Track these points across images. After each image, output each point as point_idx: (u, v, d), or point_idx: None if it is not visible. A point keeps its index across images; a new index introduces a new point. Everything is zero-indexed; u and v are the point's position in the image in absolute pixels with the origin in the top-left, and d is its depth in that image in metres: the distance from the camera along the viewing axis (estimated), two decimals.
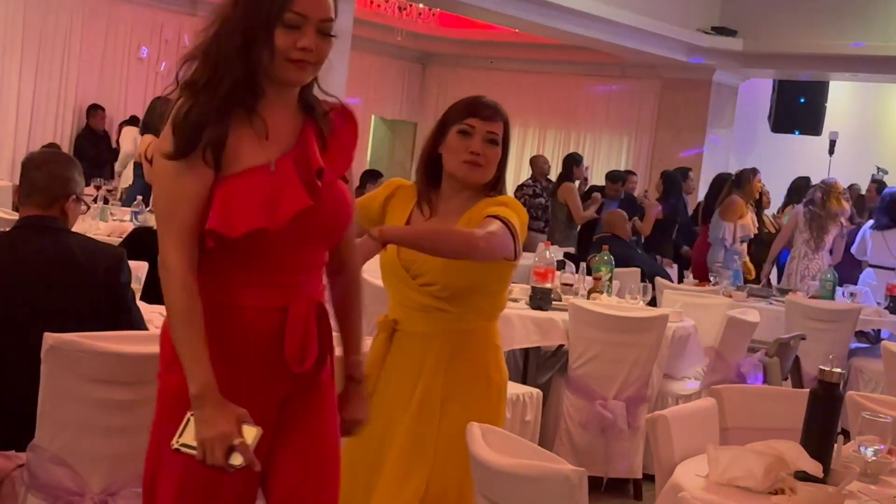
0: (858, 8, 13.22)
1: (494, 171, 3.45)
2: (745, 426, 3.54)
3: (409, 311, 3.45)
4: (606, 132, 16.78)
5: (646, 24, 13.23)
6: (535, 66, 16.92)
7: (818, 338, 7.37)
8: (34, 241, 3.67)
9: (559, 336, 6.19)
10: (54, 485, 3.43)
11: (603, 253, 7.27)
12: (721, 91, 15.37)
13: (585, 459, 5.58)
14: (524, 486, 2.57)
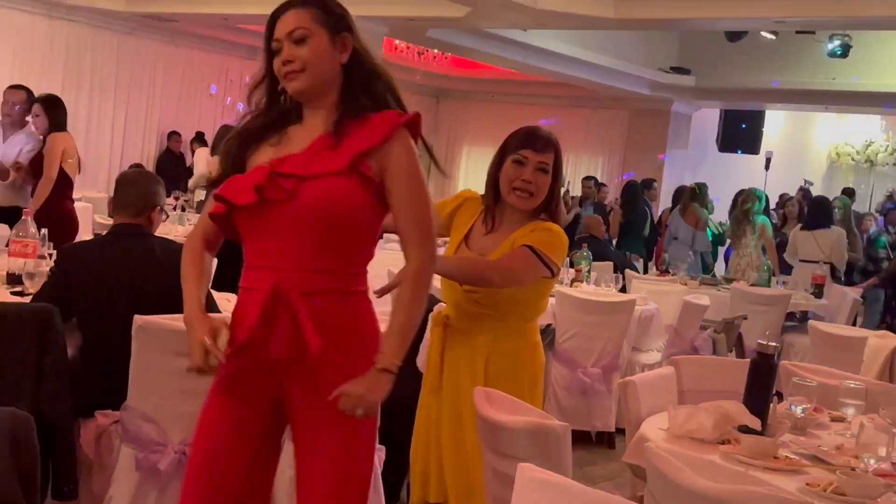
0: (787, 52, 13.20)
1: (543, 196, 3.25)
2: (697, 389, 3.53)
3: (458, 311, 3.35)
4: (585, 153, 16.78)
5: (617, 65, 13.25)
6: (527, 98, 16.91)
7: (757, 318, 7.36)
8: (125, 243, 3.69)
9: (547, 317, 6.18)
10: (142, 437, 3.44)
11: (583, 250, 7.28)
12: (678, 118, 15.41)
13: (569, 416, 5.58)
14: (521, 438, 2.57)
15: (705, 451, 2.74)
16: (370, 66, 2.52)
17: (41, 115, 6.46)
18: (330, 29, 2.46)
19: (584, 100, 16.16)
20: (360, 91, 2.50)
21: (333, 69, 2.47)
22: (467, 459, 3.24)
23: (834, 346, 5.65)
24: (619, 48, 13.04)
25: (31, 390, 3.20)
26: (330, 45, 2.46)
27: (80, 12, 12.21)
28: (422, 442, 3.44)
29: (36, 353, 3.22)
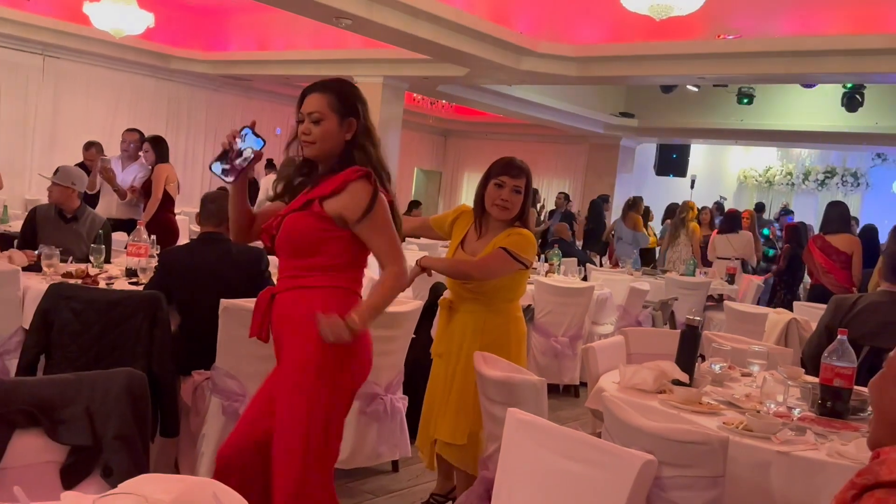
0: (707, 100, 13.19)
1: (517, 210, 3.30)
2: (641, 353, 3.52)
3: (458, 296, 3.38)
4: (556, 177, 16.79)
5: (578, 111, 13.26)
6: (512, 136, 16.91)
7: (685, 299, 7.36)
8: (209, 247, 3.70)
9: (529, 299, 6.18)
10: (228, 390, 3.44)
11: (554, 249, 7.29)
12: (625, 151, 15.36)
13: (545, 373, 5.57)
14: (508, 389, 2.57)
15: (647, 398, 2.74)
16: (365, 141, 2.47)
17: (150, 151, 6.48)
18: (340, 115, 2.43)
19: (554, 137, 16.15)
20: (355, 157, 2.45)
21: (338, 144, 2.46)
22: (457, 405, 3.28)
23: (743, 320, 5.65)
24: (580, 98, 13.05)
25: (144, 354, 3.20)
26: (338, 127, 2.44)
27: (179, 74, 12.26)
28: (430, 394, 3.46)
29: (147, 327, 3.22)
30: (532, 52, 9.03)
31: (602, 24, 8.97)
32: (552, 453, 1.92)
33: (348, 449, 3.90)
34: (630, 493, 1.84)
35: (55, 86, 11.31)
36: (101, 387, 1.91)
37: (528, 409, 2.27)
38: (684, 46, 8.30)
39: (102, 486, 1.85)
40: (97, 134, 10.94)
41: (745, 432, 2.41)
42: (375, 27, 7.95)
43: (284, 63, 11.29)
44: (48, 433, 1.84)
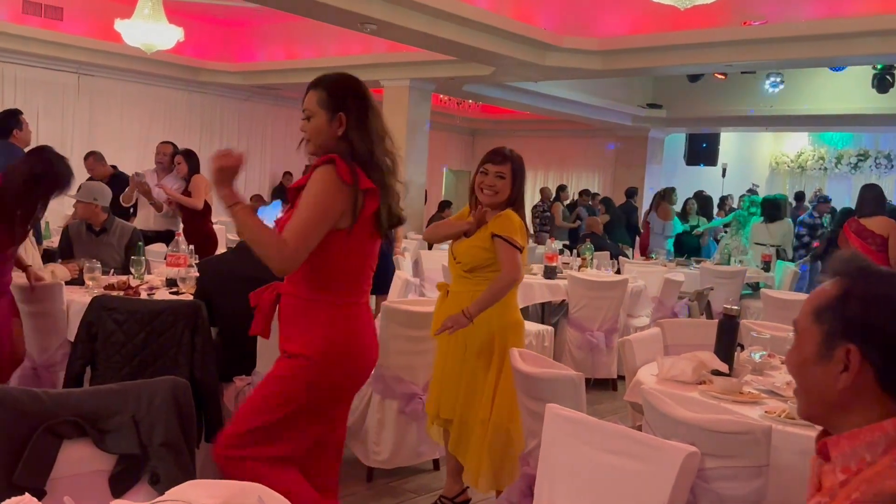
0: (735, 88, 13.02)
1: (506, 195, 3.34)
2: (678, 344, 3.49)
3: (454, 279, 3.45)
4: (584, 171, 16.68)
5: (605, 104, 13.15)
6: (538, 132, 16.85)
7: (721, 289, 7.25)
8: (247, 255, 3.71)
9: (562, 294, 6.15)
10: None
11: (587, 243, 7.24)
12: (653, 142, 15.21)
13: (581, 368, 5.54)
14: (546, 385, 2.55)
15: (687, 390, 2.70)
16: (354, 135, 2.38)
17: (182, 163, 6.54)
18: (329, 110, 2.38)
19: (582, 131, 16.04)
20: (352, 153, 2.38)
21: (330, 139, 2.39)
22: (449, 383, 3.38)
23: (780, 307, 5.56)
24: (606, 91, 12.93)
25: (187, 362, 3.23)
26: (327, 122, 2.38)
27: (210, 86, 12.39)
28: (434, 374, 3.55)
29: (189, 336, 3.25)
30: (557, 48, 8.98)
31: (625, 15, 8.89)
32: (593, 448, 1.90)
33: (389, 449, 3.91)
34: (674, 485, 1.81)
35: (90, 102, 11.49)
36: (147, 396, 1.93)
37: (566, 404, 2.25)
38: (710, 34, 8.20)
39: (150, 493, 1.86)
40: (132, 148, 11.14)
41: (787, 420, 2.36)
42: (400, 30, 7.96)
43: (312, 70, 11.25)
44: (96, 443, 1.86)
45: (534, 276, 6.30)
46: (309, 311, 2.38)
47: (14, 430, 1.79)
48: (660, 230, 9.86)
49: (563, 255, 7.26)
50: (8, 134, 5.82)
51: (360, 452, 3.95)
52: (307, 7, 7.37)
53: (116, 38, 8.63)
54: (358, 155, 2.37)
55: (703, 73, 11.72)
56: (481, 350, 3.34)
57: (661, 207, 9.99)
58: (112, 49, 10.24)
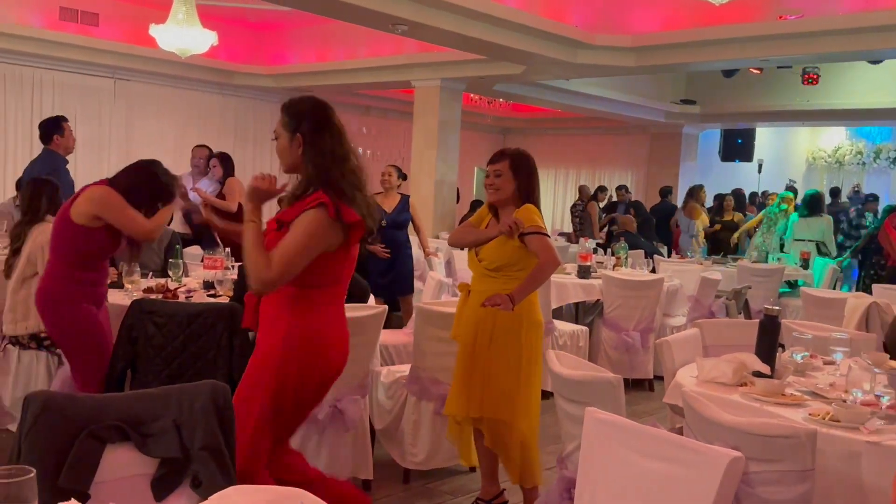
0: (771, 83, 12.83)
1: (508, 192, 3.40)
2: (717, 345, 3.44)
3: (476, 278, 3.46)
4: (618, 168, 16.51)
5: (638, 101, 13.03)
6: (570, 130, 16.76)
7: (759, 287, 7.16)
8: None
9: (597, 294, 6.11)
10: None
11: (621, 242, 7.18)
12: (688, 138, 15.03)
13: (617, 368, 5.50)
14: (584, 388, 2.53)
15: (728, 392, 2.66)
16: (314, 156, 2.52)
17: (217, 166, 6.61)
18: (289, 131, 2.55)
19: (614, 128, 15.91)
20: (309, 173, 2.54)
21: (295, 159, 2.55)
22: (475, 382, 3.39)
23: (820, 306, 5.46)
24: (638, 87, 12.82)
25: (225, 364, 3.26)
26: (289, 143, 2.56)
27: (244, 90, 12.50)
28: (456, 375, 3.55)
29: (227, 338, 3.27)
30: (589, 45, 8.92)
31: (659, 11, 8.81)
32: (634, 453, 1.88)
33: (426, 451, 3.90)
34: (718, 490, 1.78)
35: (126, 107, 11.65)
36: (188, 400, 1.94)
37: (604, 407, 2.23)
38: (745, 29, 8.08)
39: (192, 496, 1.88)
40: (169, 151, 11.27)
41: (832, 423, 2.32)
42: (431, 31, 7.96)
43: (344, 72, 11.41)
44: (138, 447, 1.88)
45: (567, 275, 6.27)
46: (285, 307, 2.53)
47: (58, 435, 1.81)
48: (690, 229, 9.76)
49: (596, 255, 7.21)
50: (49, 140, 5.92)
51: (397, 454, 3.96)
52: (338, 9, 7.40)
53: (151, 42, 8.72)
54: (323, 180, 2.50)
55: (738, 68, 11.56)
56: (508, 351, 3.35)
57: (689, 206, 9.88)
58: (147, 54, 10.37)
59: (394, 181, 6.33)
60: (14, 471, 1.28)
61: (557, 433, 4.71)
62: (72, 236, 3.40)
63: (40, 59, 10.44)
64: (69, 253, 3.45)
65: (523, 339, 3.36)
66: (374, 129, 15.22)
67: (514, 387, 3.36)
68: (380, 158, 15.22)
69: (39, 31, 9.93)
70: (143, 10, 10.13)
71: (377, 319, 3.66)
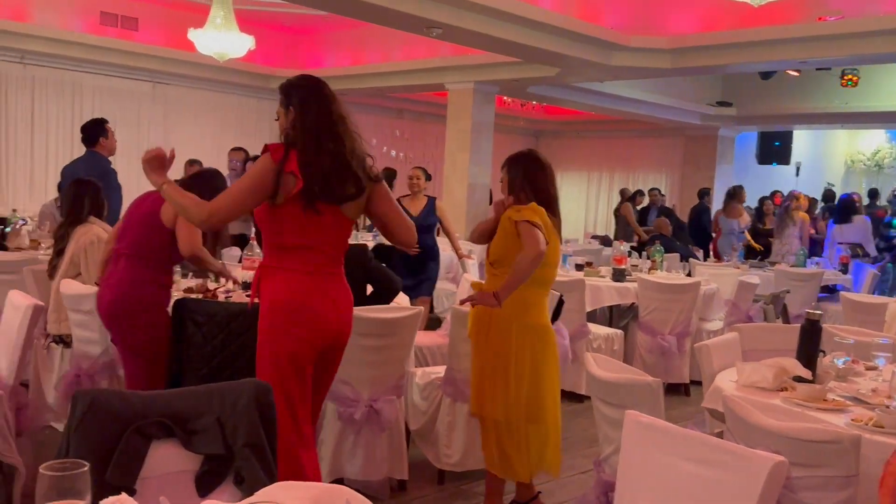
0: (809, 85, 12.65)
1: (512, 199, 3.47)
2: (756, 349, 3.40)
3: (487, 275, 3.50)
4: (652, 171, 16.37)
5: (673, 103, 12.91)
6: (604, 133, 16.67)
7: (797, 291, 7.06)
8: None
9: (632, 297, 6.08)
10: (342, 395, 3.51)
11: (656, 245, 7.12)
12: (724, 141, 14.86)
13: (652, 372, 5.40)
14: (623, 391, 2.52)
15: (768, 397, 2.63)
16: (296, 125, 2.71)
17: None
18: (283, 107, 2.77)
19: (648, 131, 15.78)
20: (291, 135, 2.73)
21: (290, 130, 2.73)
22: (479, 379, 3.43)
23: (860, 311, 5.37)
24: (674, 89, 12.71)
25: None
26: (285, 117, 2.77)
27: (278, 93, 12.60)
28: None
29: None
30: (624, 47, 8.87)
31: (695, 13, 8.73)
32: (676, 456, 1.86)
33: (460, 451, 3.91)
34: (760, 495, 1.76)
35: (164, 110, 11.82)
36: (231, 397, 1.96)
37: (643, 410, 2.21)
38: (784, 31, 7.98)
39: (235, 493, 1.90)
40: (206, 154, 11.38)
41: (875, 429, 2.28)
42: (465, 34, 7.97)
43: (378, 75, 11.46)
44: (183, 443, 1.91)
45: (602, 278, 6.24)
46: (265, 278, 2.74)
47: (105, 431, 1.84)
48: (729, 230, 9.64)
49: (631, 258, 7.16)
50: (95, 142, 6.00)
51: (431, 455, 3.97)
52: (374, 13, 7.44)
53: (190, 47, 8.85)
54: (293, 140, 2.68)
55: (776, 70, 11.41)
56: (498, 350, 3.37)
57: (730, 207, 9.77)
58: (185, 58, 10.52)
59: (422, 184, 6.28)
60: (68, 464, 1.31)
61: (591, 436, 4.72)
62: (160, 240, 3.43)
63: (81, 62, 10.63)
64: (159, 257, 3.47)
65: (514, 341, 3.34)
66: (406, 132, 15.28)
67: (503, 387, 3.35)
68: (412, 161, 15.26)
69: (80, 36, 10.12)
70: (182, 15, 10.27)
71: (413, 321, 3.68)
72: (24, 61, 10.46)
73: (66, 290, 3.78)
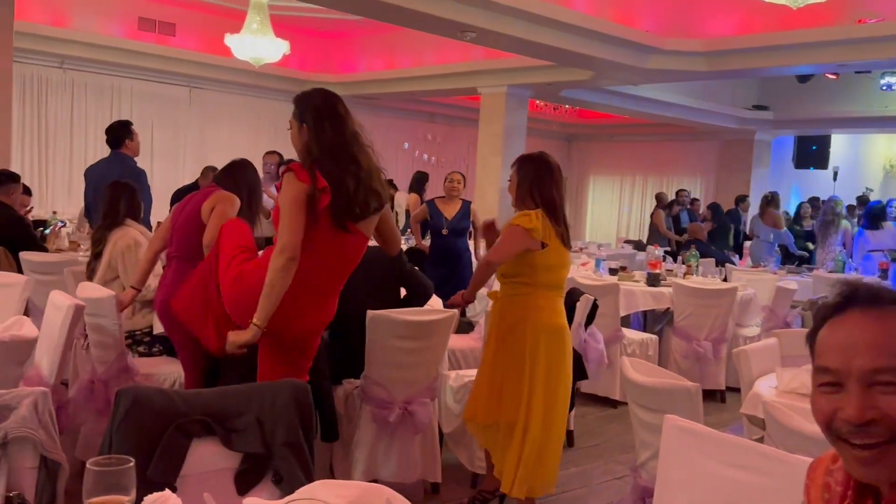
0: (848, 88, 12.47)
1: (514, 196, 3.48)
2: (796, 355, 3.34)
3: (500, 283, 3.56)
4: (686, 175, 16.20)
5: (708, 106, 12.80)
6: (637, 137, 16.54)
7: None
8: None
9: (667, 302, 6.02)
10: (377, 397, 3.51)
11: (691, 250, 7.06)
12: (760, 145, 14.69)
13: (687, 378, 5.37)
14: (661, 396, 2.49)
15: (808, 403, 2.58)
16: (312, 142, 2.73)
17: None
18: (297, 121, 2.79)
19: (683, 134, 15.64)
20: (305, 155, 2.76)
21: (304, 145, 2.76)
22: (494, 387, 3.44)
23: None
24: (709, 92, 12.60)
25: None
26: (298, 133, 2.78)
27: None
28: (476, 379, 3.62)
29: None
30: (659, 50, 8.81)
31: (732, 15, 8.64)
32: (716, 462, 1.84)
33: None
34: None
35: (201, 114, 11.98)
36: (270, 397, 1.98)
37: (682, 415, 2.18)
38: (823, 33, 7.87)
39: (273, 491, 1.91)
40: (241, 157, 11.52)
41: None
42: (499, 38, 7.97)
43: (411, 80, 11.51)
44: (223, 442, 1.93)
45: (636, 283, 6.19)
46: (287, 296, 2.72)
47: (147, 428, 1.87)
48: (767, 237, 9.51)
49: (666, 263, 7.10)
50: (120, 144, 6.06)
51: (465, 458, 3.97)
52: (409, 17, 7.47)
53: (226, 52, 8.96)
54: (313, 158, 2.71)
55: (814, 73, 11.26)
56: (513, 350, 3.37)
57: (767, 213, 9.64)
58: (222, 63, 10.65)
59: (461, 189, 6.25)
60: (114, 460, 1.33)
61: (626, 442, 4.68)
62: (202, 240, 3.51)
63: (119, 67, 10.82)
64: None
65: (528, 343, 3.35)
66: (439, 136, 15.31)
67: (519, 389, 3.36)
68: (444, 165, 15.30)
69: (119, 41, 10.30)
70: (219, 20, 10.41)
71: (447, 324, 3.68)
72: (64, 66, 10.68)
73: (83, 293, 3.73)
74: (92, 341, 3.85)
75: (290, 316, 2.72)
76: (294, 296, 2.68)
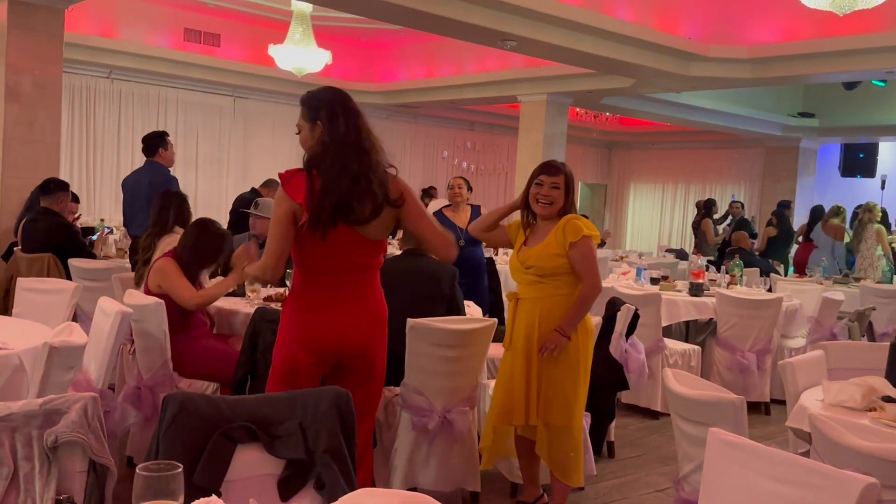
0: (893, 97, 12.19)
1: (560, 205, 3.42)
2: (842, 368, 3.29)
3: (525, 286, 3.49)
4: (730, 183, 15.97)
5: (753, 114, 12.61)
6: (679, 144, 16.37)
7: (883, 309, 6.80)
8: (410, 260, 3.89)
9: (710, 312, 5.94)
10: (416, 405, 3.53)
11: (735, 259, 6.97)
12: (805, 153, 14.43)
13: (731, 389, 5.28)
14: (706, 409, 2.47)
15: (856, 417, 2.55)
16: (324, 140, 2.68)
17: None
18: (309, 121, 2.72)
19: (726, 142, 15.42)
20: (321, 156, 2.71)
21: (315, 145, 2.70)
22: (547, 391, 3.41)
23: None
24: (753, 100, 12.41)
25: None
26: (309, 133, 2.72)
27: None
28: (506, 386, 3.52)
29: None
30: (702, 57, 8.72)
31: (777, 22, 8.52)
32: (761, 476, 1.82)
33: None
34: None
35: (244, 124, 12.16)
36: (312, 404, 2.00)
37: (726, 428, 2.16)
38: (870, 40, 7.72)
39: (315, 498, 1.93)
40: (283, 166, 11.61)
41: None
42: (540, 46, 7.96)
43: (451, 88, 11.54)
44: (266, 448, 1.95)
45: (678, 293, 6.13)
46: (291, 290, 2.86)
47: (193, 434, 1.90)
48: (826, 247, 9.33)
49: (709, 272, 7.02)
50: (154, 153, 6.20)
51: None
52: (450, 27, 7.50)
53: (269, 62, 9.09)
54: (319, 157, 2.67)
55: (860, 80, 11.04)
56: (564, 353, 3.39)
57: (830, 224, 9.45)
58: (265, 73, 10.80)
59: (465, 194, 6.05)
60: (162, 466, 1.36)
61: (667, 454, 4.63)
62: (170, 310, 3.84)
63: (165, 77, 11.03)
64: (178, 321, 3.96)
65: (580, 346, 3.43)
66: (478, 144, 15.33)
67: (573, 392, 3.43)
68: (484, 173, 15.32)
69: (165, 52, 10.50)
70: (262, 31, 10.56)
71: (487, 332, 3.68)
72: (112, 76, 10.93)
73: (129, 300, 3.81)
74: (138, 347, 3.92)
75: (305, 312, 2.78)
76: (307, 297, 2.77)
